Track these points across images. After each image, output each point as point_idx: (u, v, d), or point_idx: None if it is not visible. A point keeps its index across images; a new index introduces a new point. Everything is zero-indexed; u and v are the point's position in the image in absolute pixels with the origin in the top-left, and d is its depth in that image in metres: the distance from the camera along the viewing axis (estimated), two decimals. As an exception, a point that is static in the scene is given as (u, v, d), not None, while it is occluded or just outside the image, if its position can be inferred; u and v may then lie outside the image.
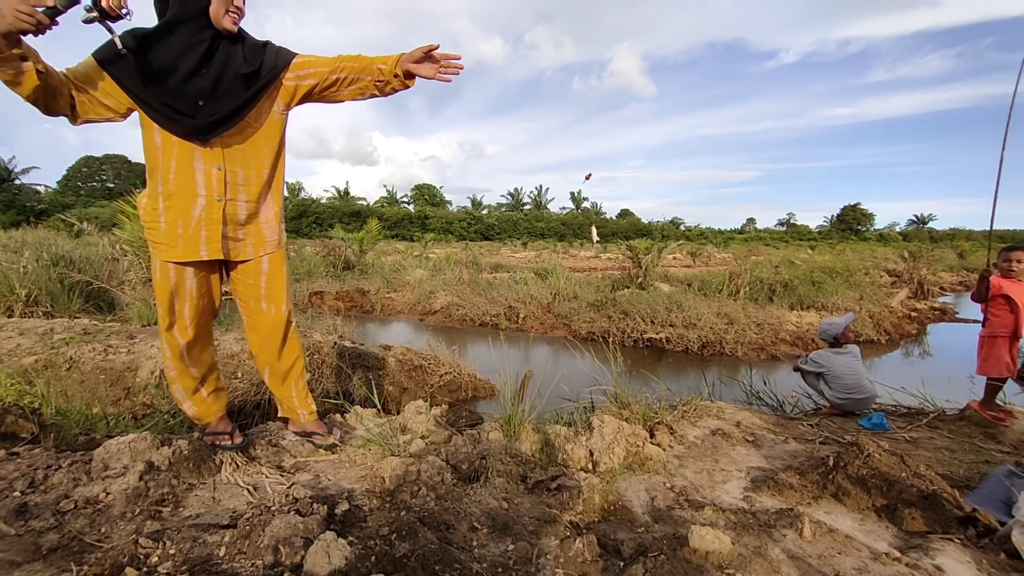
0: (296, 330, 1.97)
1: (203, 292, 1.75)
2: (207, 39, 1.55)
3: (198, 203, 1.61)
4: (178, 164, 1.59)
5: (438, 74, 1.68)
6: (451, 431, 2.33)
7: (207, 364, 1.87)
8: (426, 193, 67.05)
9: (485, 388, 4.22)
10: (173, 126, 1.55)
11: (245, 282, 1.83)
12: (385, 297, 9.41)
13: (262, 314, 1.86)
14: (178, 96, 1.52)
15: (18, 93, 1.37)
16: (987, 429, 2.77)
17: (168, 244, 1.63)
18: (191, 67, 1.53)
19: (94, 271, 5.52)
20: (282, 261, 1.86)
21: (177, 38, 1.52)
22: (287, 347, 1.93)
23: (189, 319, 1.73)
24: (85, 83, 1.47)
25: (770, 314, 7.01)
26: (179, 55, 1.52)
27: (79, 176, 50.08)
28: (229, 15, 1.55)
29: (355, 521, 1.42)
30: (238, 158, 1.65)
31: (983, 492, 1.87)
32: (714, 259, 20.33)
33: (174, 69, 1.51)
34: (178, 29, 1.52)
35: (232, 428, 1.91)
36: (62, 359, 3.15)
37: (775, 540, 1.54)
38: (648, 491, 1.90)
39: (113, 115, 1.55)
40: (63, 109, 1.46)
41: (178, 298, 1.69)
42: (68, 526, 1.37)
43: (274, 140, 1.74)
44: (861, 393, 3.18)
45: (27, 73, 1.34)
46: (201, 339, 1.80)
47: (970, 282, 14.36)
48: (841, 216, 66.40)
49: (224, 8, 1.54)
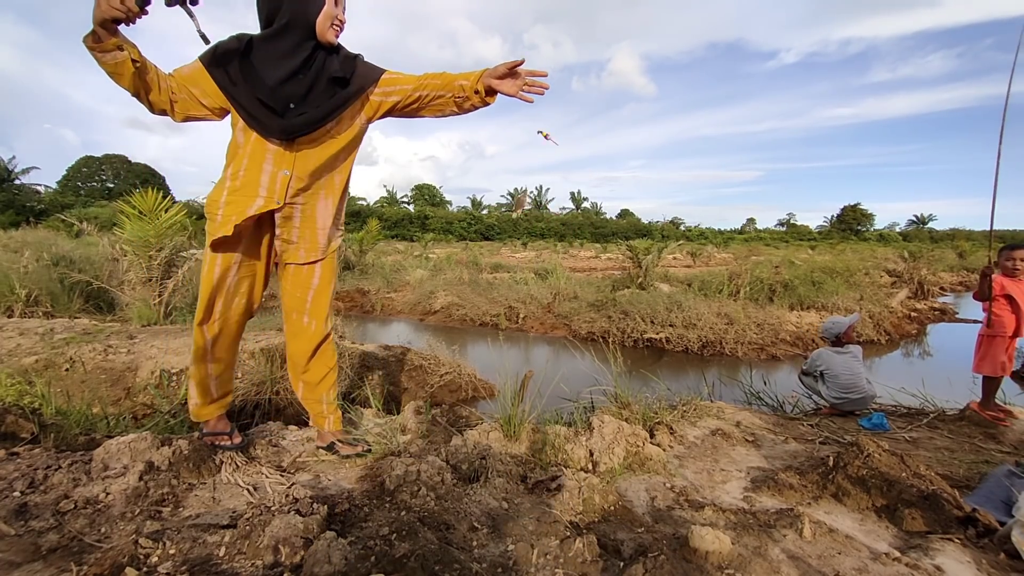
0: (333, 341, 2.00)
1: (242, 291, 1.76)
2: (309, 49, 1.60)
3: (256, 203, 1.65)
4: (249, 162, 1.63)
5: (521, 92, 1.64)
6: (451, 431, 2.33)
7: (225, 363, 1.87)
8: (426, 193, 67.04)
9: (485, 388, 4.22)
10: (259, 125, 1.59)
11: (292, 293, 1.85)
12: (385, 297, 9.41)
13: (303, 328, 1.89)
14: (271, 97, 1.57)
15: (120, 85, 1.47)
16: (987, 429, 2.78)
17: (219, 227, 1.65)
18: (289, 72, 1.58)
19: (94, 271, 5.53)
20: (332, 273, 1.88)
21: (281, 45, 1.59)
22: (323, 358, 1.95)
23: (219, 314, 1.74)
24: (188, 82, 1.57)
25: (770, 314, 7.01)
26: (279, 60, 1.58)
27: (79, 176, 50.04)
28: (333, 28, 1.61)
29: (355, 521, 1.42)
30: (310, 164, 1.67)
31: (983, 492, 1.87)
32: (714, 259, 20.33)
33: (272, 72, 1.58)
34: (284, 36, 1.58)
35: (231, 428, 1.91)
36: (62, 359, 3.15)
37: (775, 540, 1.54)
38: (648, 491, 1.90)
39: (209, 113, 1.63)
40: (163, 104, 1.56)
41: (217, 292, 1.71)
42: (68, 526, 1.37)
43: (348, 150, 1.76)
44: (858, 393, 3.19)
45: (124, 63, 1.42)
46: (227, 337, 1.81)
47: (970, 282, 14.36)
48: (841, 216, 66.41)
49: (329, 22, 1.59)
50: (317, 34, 1.60)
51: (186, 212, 5.24)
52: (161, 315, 4.72)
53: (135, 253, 4.79)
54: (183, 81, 1.57)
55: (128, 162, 51.76)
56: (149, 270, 4.79)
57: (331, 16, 1.59)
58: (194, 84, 1.57)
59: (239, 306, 1.78)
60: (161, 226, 4.81)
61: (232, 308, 1.76)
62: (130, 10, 1.33)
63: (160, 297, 4.79)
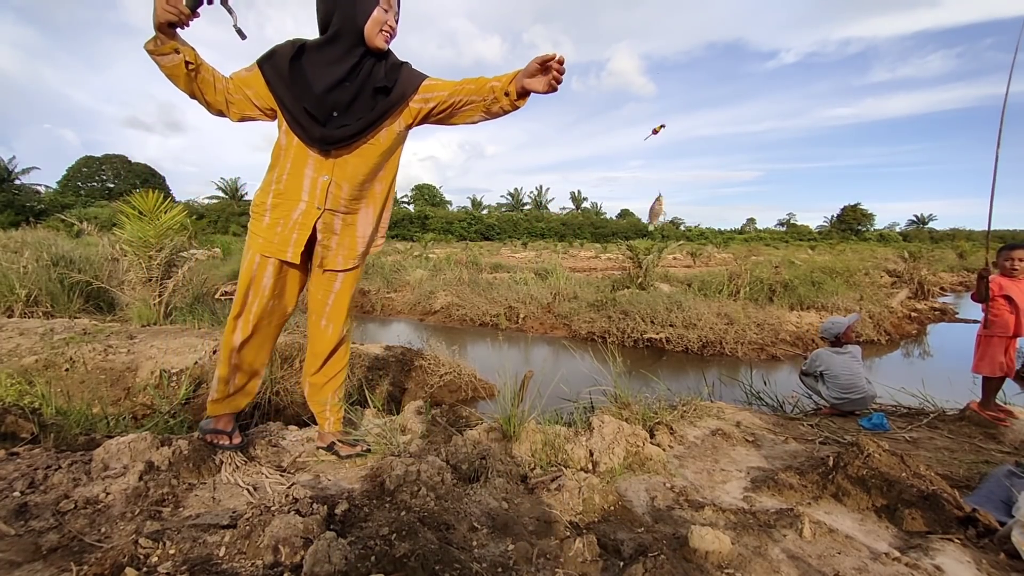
0: (348, 346, 2.02)
1: (276, 293, 1.77)
2: (357, 56, 1.62)
3: (299, 207, 1.67)
4: (292, 167, 1.66)
5: (550, 83, 1.59)
6: (451, 431, 2.33)
7: (252, 370, 1.87)
8: (426, 193, 67.06)
9: (485, 388, 4.22)
10: (302, 131, 1.61)
11: (315, 296, 1.87)
12: (385, 297, 9.41)
13: (320, 330, 1.91)
14: (317, 104, 1.59)
15: (178, 87, 1.55)
16: (987, 429, 2.77)
17: (265, 238, 1.70)
18: (336, 79, 1.60)
19: (94, 271, 5.52)
20: (355, 280, 1.89)
21: (331, 51, 1.61)
22: (335, 361, 1.98)
23: (254, 315, 1.75)
24: (243, 84, 1.62)
25: (770, 314, 7.01)
26: (328, 67, 1.60)
27: (79, 176, 50.09)
28: (382, 34, 1.61)
29: (355, 521, 1.42)
30: (348, 171, 1.68)
31: (983, 492, 1.87)
32: (714, 259, 20.33)
33: (320, 78, 1.60)
34: (335, 43, 1.60)
35: (233, 428, 1.91)
36: (62, 359, 3.15)
37: (775, 540, 1.54)
38: (648, 491, 1.90)
39: (261, 114, 1.68)
40: (220, 105, 1.62)
41: (252, 291, 1.73)
42: (68, 526, 1.37)
43: (388, 157, 1.76)
44: (857, 393, 3.19)
45: (179, 66, 1.50)
46: (257, 340, 1.81)
47: (970, 282, 14.35)
48: (841, 216, 66.43)
49: (378, 28, 1.59)
50: (366, 41, 1.61)
51: (186, 212, 5.24)
52: (161, 315, 4.72)
53: (135, 253, 4.79)
54: (239, 83, 1.62)
55: (128, 162, 51.81)
56: (149, 270, 4.79)
57: (380, 22, 1.59)
58: (248, 86, 1.63)
59: (272, 307, 1.78)
60: (161, 226, 4.81)
61: (267, 309, 1.77)
62: (182, 12, 1.42)
63: (160, 297, 4.79)
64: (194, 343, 3.52)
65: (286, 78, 1.60)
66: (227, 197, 53.56)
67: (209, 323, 4.66)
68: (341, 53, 1.60)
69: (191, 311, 5.01)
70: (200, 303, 5.50)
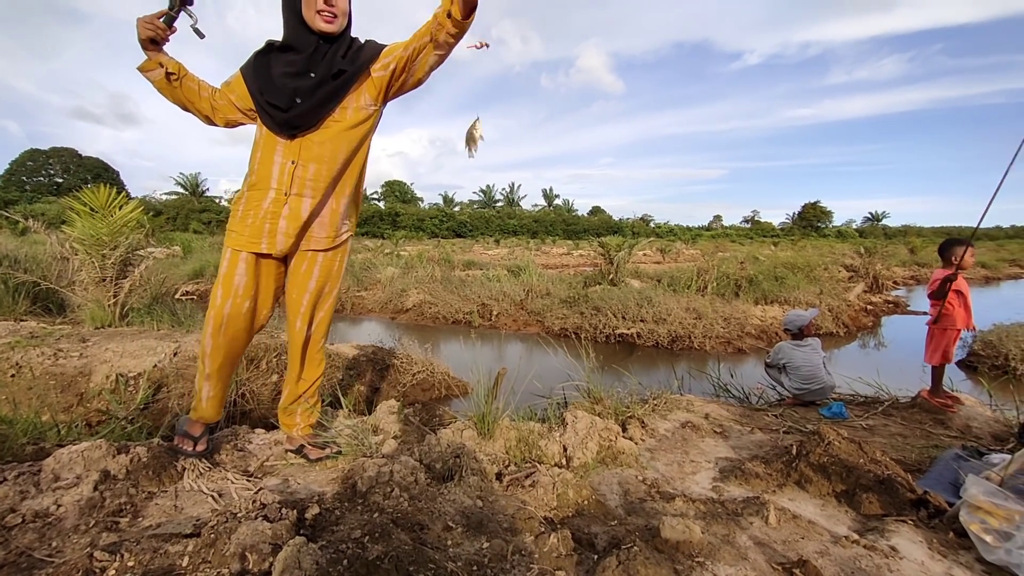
0: (324, 347, 2.00)
1: (251, 294, 1.72)
2: (313, 45, 1.61)
3: (268, 196, 1.66)
4: (263, 156, 1.67)
5: None
6: (424, 430, 2.31)
7: (218, 364, 1.79)
8: (397, 190, 66.09)
9: (458, 386, 4.20)
10: (268, 119, 1.64)
11: (290, 295, 1.84)
12: (355, 295, 9.24)
13: (296, 331, 1.88)
14: (279, 93, 1.60)
15: (169, 100, 1.69)
16: (936, 415, 2.93)
17: (237, 232, 1.69)
18: (296, 70, 1.61)
19: (41, 271, 5.22)
20: (327, 277, 1.85)
21: (289, 45, 1.64)
22: (310, 360, 1.95)
23: (226, 316, 1.71)
24: (228, 89, 1.71)
25: (736, 309, 7.22)
26: (287, 58, 1.64)
27: (23, 171, 47.19)
28: (320, 15, 1.57)
29: (326, 525, 1.39)
30: (313, 153, 1.65)
31: (933, 475, 1.98)
32: (683, 255, 20.79)
33: (280, 68, 1.63)
34: (288, 35, 1.64)
35: (200, 434, 1.83)
36: (7, 364, 2.96)
37: (742, 528, 1.59)
38: (621, 484, 1.93)
39: (244, 116, 1.74)
40: (206, 111, 1.72)
41: (223, 288, 1.70)
42: (15, 542, 1.29)
43: (356, 136, 1.71)
44: (817, 384, 3.33)
45: (163, 79, 1.64)
46: (227, 337, 1.74)
47: (921, 276, 15.16)
48: (802, 213, 68.90)
49: (313, 10, 1.57)
50: (310, 26, 1.59)
51: (143, 209, 5.00)
52: (117, 317, 4.50)
53: (87, 252, 4.54)
54: (225, 89, 1.72)
55: (78, 156, 49.13)
56: (103, 269, 4.55)
57: (313, 4, 1.57)
58: (232, 91, 1.71)
59: (244, 309, 1.73)
60: (115, 223, 4.57)
61: (238, 308, 1.72)
62: (159, 28, 1.55)
63: (115, 298, 4.56)
64: (153, 345, 3.37)
65: (253, 72, 1.66)
66: (187, 193, 51.43)
67: (169, 324, 4.47)
68: (295, 45, 1.62)
69: (149, 312, 4.79)
70: (159, 303, 5.27)
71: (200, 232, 28.53)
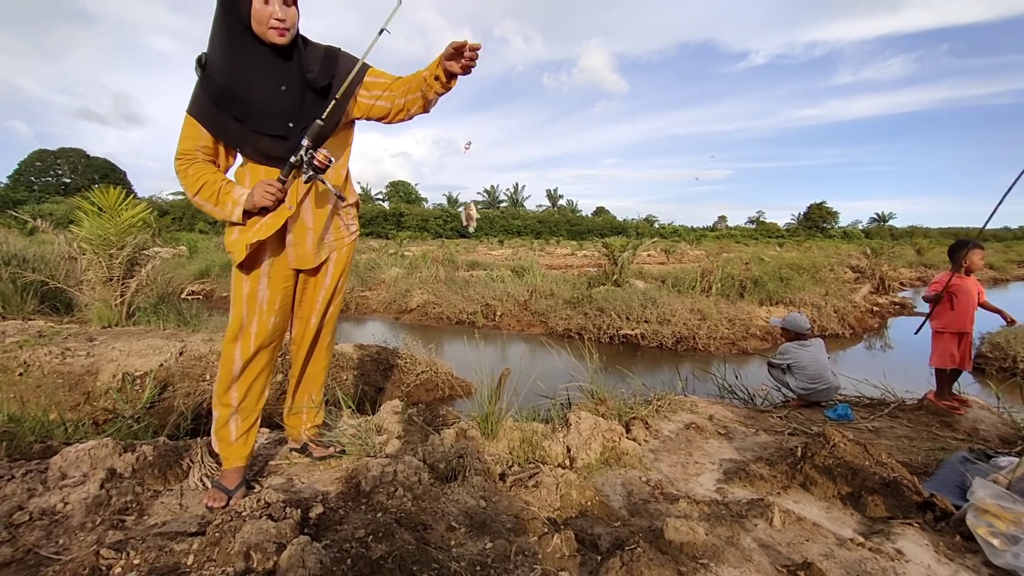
0: (332, 344, 1.96)
1: (275, 307, 1.67)
2: (266, 55, 1.49)
3: (276, 212, 1.58)
4: (251, 179, 1.59)
5: (464, 67, 1.54)
6: (428, 430, 2.32)
7: (254, 393, 1.72)
8: (401, 190, 66.26)
9: (462, 386, 4.20)
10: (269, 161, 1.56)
11: (300, 298, 1.80)
12: (359, 296, 9.26)
13: (309, 328, 1.83)
14: (267, 121, 1.51)
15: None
16: (943, 418, 2.91)
17: (237, 249, 1.59)
18: (267, 90, 1.50)
19: (49, 270, 5.27)
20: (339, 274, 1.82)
21: (240, 64, 1.47)
22: (317, 359, 1.93)
23: (253, 333, 1.64)
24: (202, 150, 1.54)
25: (741, 310, 7.19)
26: (251, 81, 1.48)
27: (32, 171, 47.58)
28: (274, 30, 1.45)
29: (330, 524, 1.39)
30: None
31: (940, 478, 1.96)
32: (687, 256, 20.72)
33: (254, 95, 1.49)
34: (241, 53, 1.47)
35: (236, 485, 1.66)
36: (15, 363, 2.99)
37: (747, 530, 1.58)
38: (624, 485, 1.92)
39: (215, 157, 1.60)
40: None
41: (249, 308, 1.62)
42: (22, 539, 1.30)
43: (343, 147, 1.70)
44: (823, 384, 3.31)
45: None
46: (260, 360, 1.69)
47: (928, 277, 15.03)
48: (807, 214, 68.53)
49: (264, 25, 1.44)
50: (261, 40, 1.47)
51: (150, 210, 5.04)
52: (123, 316, 4.53)
53: (94, 251, 4.58)
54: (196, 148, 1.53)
55: (86, 156, 49.49)
56: (110, 269, 4.59)
57: (263, 18, 1.43)
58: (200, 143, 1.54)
59: (273, 324, 1.68)
60: (123, 223, 4.61)
61: (265, 325, 1.65)
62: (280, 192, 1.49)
63: (122, 297, 4.60)
64: (159, 344, 3.39)
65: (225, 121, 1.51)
66: (193, 193, 51.72)
67: (175, 323, 4.50)
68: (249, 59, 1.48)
69: (155, 311, 4.83)
70: (165, 303, 5.31)
71: (206, 232, 28.66)
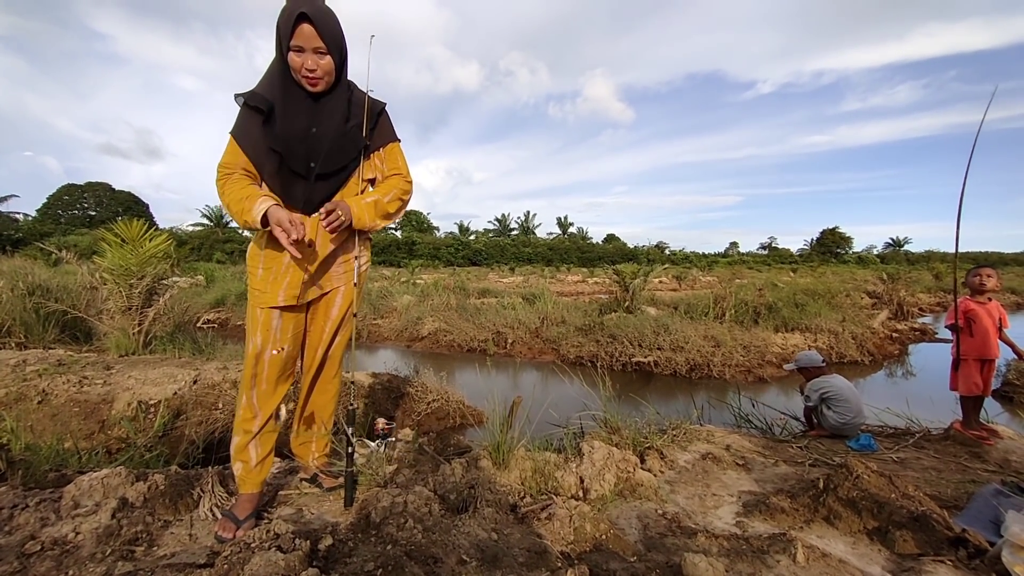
0: (339, 375, 1.97)
1: (288, 336, 1.70)
2: (303, 98, 1.58)
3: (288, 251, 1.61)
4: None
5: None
6: (439, 460, 2.29)
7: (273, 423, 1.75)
8: (413, 219, 67.32)
9: (474, 415, 4.16)
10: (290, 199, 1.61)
11: (310, 328, 1.81)
12: (372, 323, 9.31)
13: (315, 358, 1.84)
14: (294, 159, 1.58)
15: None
16: (972, 448, 2.80)
17: (260, 290, 1.65)
18: (299, 130, 1.57)
19: (71, 300, 5.39)
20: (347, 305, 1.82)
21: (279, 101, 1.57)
22: (322, 386, 1.93)
23: (269, 365, 1.67)
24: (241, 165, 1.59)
25: (756, 336, 7.08)
26: (287, 119, 1.57)
27: (60, 204, 49.33)
28: (304, 79, 1.55)
29: (339, 556, 1.37)
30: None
31: (971, 512, 1.88)
32: (699, 282, 20.59)
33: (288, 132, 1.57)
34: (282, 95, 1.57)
35: (248, 515, 1.67)
36: (34, 392, 3.04)
37: (768, 566, 1.52)
38: (640, 518, 1.87)
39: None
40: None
41: (262, 339, 1.66)
42: (32, 570, 1.29)
43: (356, 189, 1.75)
44: (862, 416, 3.14)
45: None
46: (280, 389, 1.73)
47: (947, 303, 14.71)
48: (821, 239, 67.99)
49: (298, 75, 1.54)
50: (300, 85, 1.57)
51: (171, 241, 5.18)
52: (140, 344, 4.61)
53: (115, 281, 4.70)
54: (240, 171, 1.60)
55: (112, 190, 51.26)
56: (129, 298, 4.69)
57: (297, 68, 1.53)
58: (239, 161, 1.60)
59: (287, 353, 1.71)
60: (144, 254, 4.74)
61: (276, 358, 1.68)
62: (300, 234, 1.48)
63: (140, 326, 4.68)
64: (174, 373, 3.43)
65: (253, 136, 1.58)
66: (212, 224, 53.12)
67: (190, 352, 4.56)
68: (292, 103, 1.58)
69: (172, 340, 4.90)
70: (181, 332, 5.39)
71: (223, 262, 29.30)
